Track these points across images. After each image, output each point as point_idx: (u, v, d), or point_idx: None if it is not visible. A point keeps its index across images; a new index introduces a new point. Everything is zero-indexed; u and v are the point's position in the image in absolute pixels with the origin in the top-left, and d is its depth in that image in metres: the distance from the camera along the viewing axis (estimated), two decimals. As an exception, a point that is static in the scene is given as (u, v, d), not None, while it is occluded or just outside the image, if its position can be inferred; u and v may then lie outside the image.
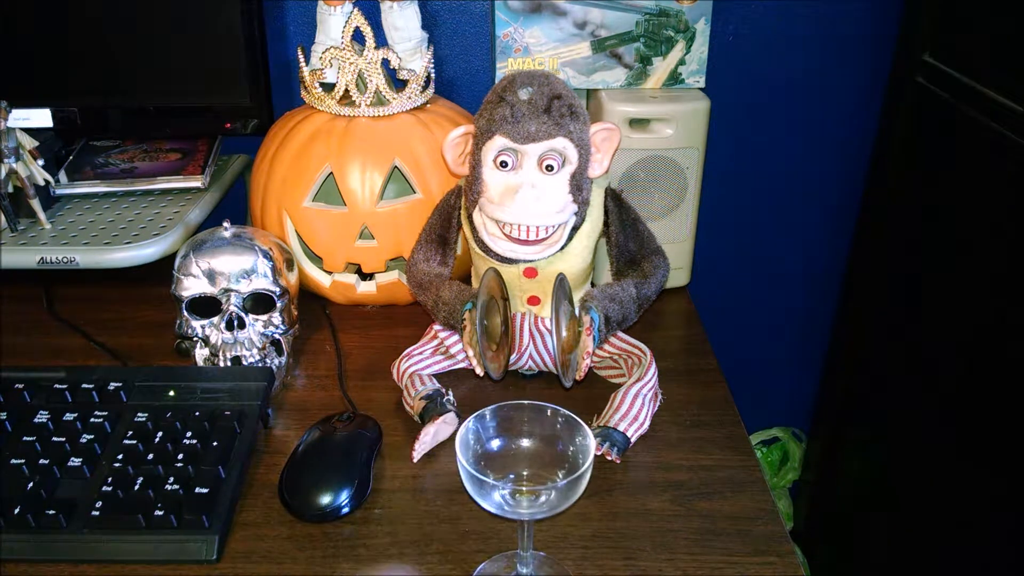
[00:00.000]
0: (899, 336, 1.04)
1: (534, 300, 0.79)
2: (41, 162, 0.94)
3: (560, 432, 0.59)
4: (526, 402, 0.60)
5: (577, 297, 0.79)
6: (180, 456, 0.67)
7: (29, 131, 0.94)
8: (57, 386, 0.74)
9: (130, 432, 0.70)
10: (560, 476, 0.58)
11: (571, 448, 0.58)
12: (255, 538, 0.64)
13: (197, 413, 0.71)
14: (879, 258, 1.08)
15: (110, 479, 0.65)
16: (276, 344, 0.80)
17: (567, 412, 0.59)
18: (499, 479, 0.58)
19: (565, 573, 0.61)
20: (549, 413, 0.59)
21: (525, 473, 0.59)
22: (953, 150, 0.92)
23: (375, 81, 0.88)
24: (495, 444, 0.59)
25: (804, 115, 1.12)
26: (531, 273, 0.77)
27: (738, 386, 0.84)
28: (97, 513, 0.63)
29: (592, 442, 0.56)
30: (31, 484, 0.65)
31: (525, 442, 0.60)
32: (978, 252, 0.87)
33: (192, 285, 0.76)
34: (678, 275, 0.98)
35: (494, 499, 0.55)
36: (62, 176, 1.00)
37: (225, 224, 0.79)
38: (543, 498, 0.55)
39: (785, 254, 1.22)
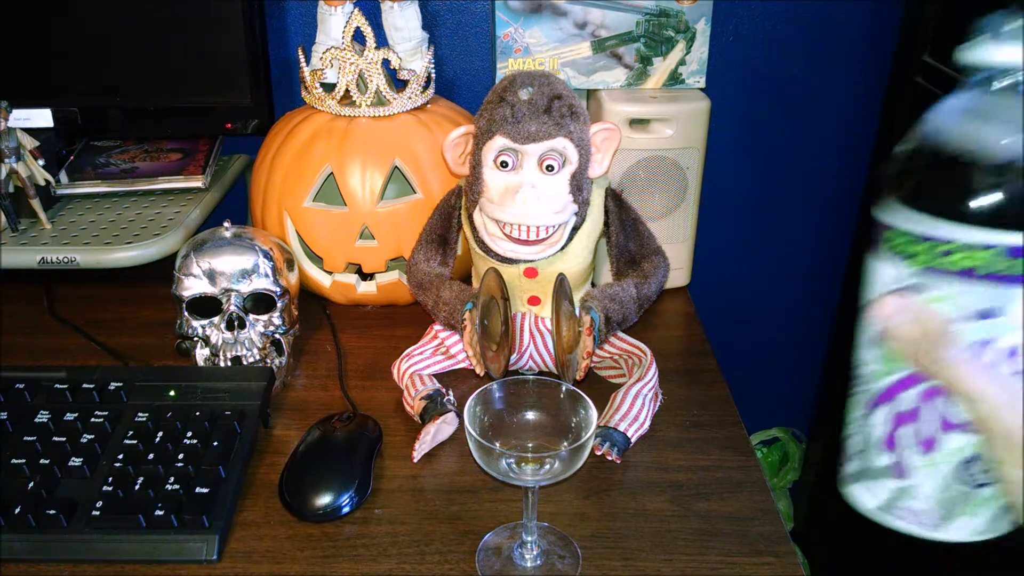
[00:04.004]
0: (899, 336, 1.04)
1: (534, 300, 0.79)
2: (42, 162, 0.94)
3: (563, 405, 0.62)
4: (531, 376, 0.63)
5: (577, 297, 0.79)
6: (180, 456, 0.67)
7: (30, 131, 0.94)
8: (57, 386, 0.74)
9: (130, 432, 0.70)
10: (564, 446, 0.60)
11: (574, 420, 0.61)
12: (255, 538, 0.64)
13: (197, 413, 0.71)
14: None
15: (110, 479, 0.66)
16: (276, 344, 0.80)
17: (571, 387, 0.62)
18: (506, 447, 0.61)
19: (567, 540, 0.63)
20: (553, 387, 0.62)
21: (530, 445, 0.62)
22: (953, 150, 0.92)
23: (375, 81, 0.88)
24: (502, 416, 0.62)
25: (804, 115, 1.12)
26: (531, 273, 0.77)
27: (738, 386, 0.84)
28: (97, 513, 0.63)
29: (594, 413, 0.59)
30: (31, 484, 0.65)
31: (530, 415, 0.63)
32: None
33: (192, 285, 0.76)
34: (678, 275, 0.98)
35: (500, 467, 0.58)
36: (63, 176, 1.00)
37: (226, 224, 0.79)
38: (547, 466, 0.58)
39: (785, 254, 1.22)
